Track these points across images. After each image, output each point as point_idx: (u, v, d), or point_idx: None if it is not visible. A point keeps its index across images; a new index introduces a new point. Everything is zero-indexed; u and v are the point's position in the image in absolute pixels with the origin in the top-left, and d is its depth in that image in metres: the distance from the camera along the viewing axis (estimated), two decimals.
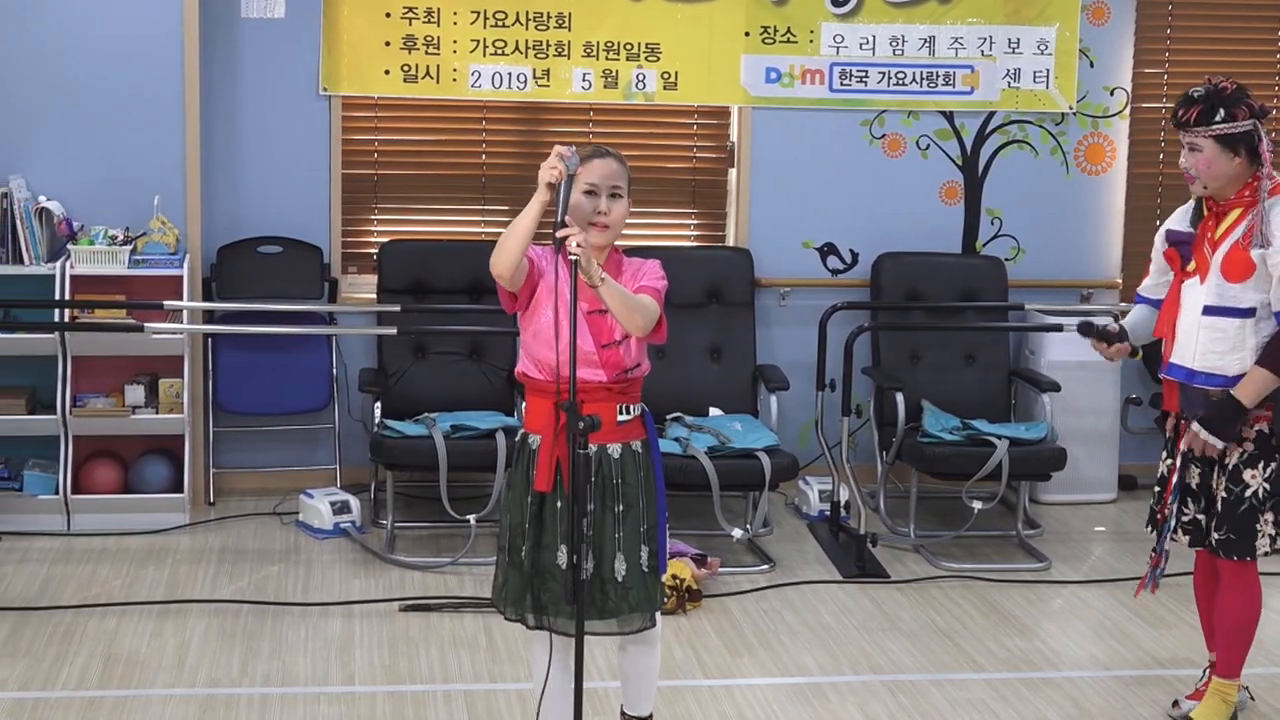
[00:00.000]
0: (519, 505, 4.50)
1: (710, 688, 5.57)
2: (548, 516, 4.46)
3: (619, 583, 4.47)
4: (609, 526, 4.49)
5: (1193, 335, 5.08)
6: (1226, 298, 5.02)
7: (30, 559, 6.75)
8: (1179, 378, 5.13)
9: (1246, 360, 5.00)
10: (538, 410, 4.49)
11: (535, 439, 4.48)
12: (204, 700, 5.36)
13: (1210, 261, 5.05)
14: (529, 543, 4.46)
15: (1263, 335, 5.00)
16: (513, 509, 4.53)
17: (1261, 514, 5.08)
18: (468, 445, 6.90)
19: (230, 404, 7.65)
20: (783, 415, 7.42)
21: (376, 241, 7.83)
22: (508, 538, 4.53)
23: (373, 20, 7.63)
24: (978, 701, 5.52)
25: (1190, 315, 5.09)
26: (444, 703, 5.39)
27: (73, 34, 7.18)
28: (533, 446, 4.48)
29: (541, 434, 4.45)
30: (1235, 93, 5.03)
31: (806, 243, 8.10)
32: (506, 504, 4.59)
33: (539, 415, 4.48)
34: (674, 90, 7.89)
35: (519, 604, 4.52)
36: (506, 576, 4.54)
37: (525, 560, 4.47)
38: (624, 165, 4.67)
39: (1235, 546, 5.11)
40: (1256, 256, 4.97)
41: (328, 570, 6.72)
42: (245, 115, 7.64)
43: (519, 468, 4.54)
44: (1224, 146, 5.00)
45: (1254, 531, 5.10)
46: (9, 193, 6.99)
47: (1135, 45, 8.19)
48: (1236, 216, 5.06)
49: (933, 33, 7.98)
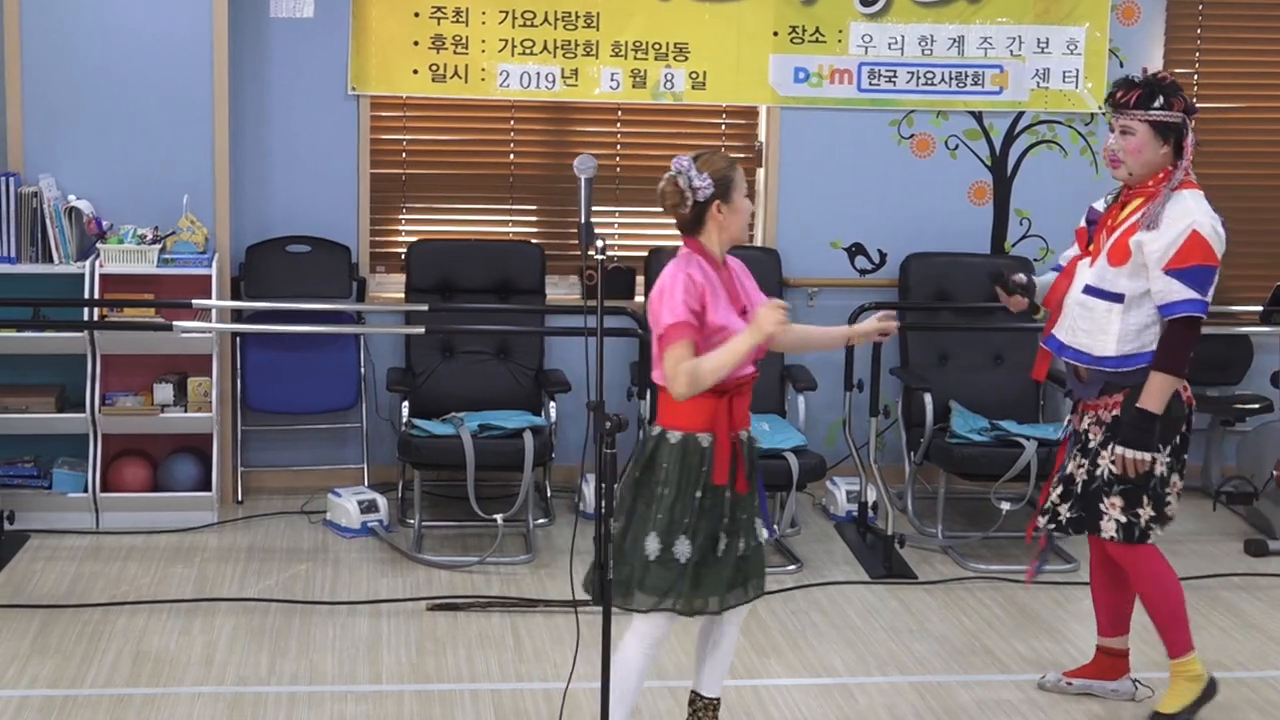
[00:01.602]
0: (685, 500, 4.57)
1: (738, 688, 5.56)
2: (712, 507, 4.58)
3: (748, 556, 4.69)
4: (752, 505, 4.69)
5: (1071, 311, 5.26)
6: (1104, 280, 5.18)
7: (59, 557, 6.78)
8: (1051, 348, 5.33)
9: (1109, 345, 5.14)
10: (702, 408, 4.53)
11: (704, 437, 4.56)
12: (232, 698, 5.37)
13: (1103, 245, 5.20)
14: (692, 536, 4.57)
15: (1129, 324, 5.12)
16: (676, 505, 4.57)
17: (1107, 496, 5.20)
18: (495, 445, 6.91)
19: (258, 403, 7.66)
20: (810, 415, 7.41)
21: (405, 241, 7.84)
22: (663, 533, 4.57)
23: (401, 20, 7.64)
24: (1005, 703, 5.50)
25: (1074, 292, 5.26)
26: (471, 702, 5.39)
27: (102, 34, 7.20)
28: (703, 445, 4.56)
29: (714, 431, 4.54)
30: (1173, 84, 5.17)
31: (835, 243, 8.09)
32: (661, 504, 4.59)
33: (704, 413, 4.53)
34: (702, 90, 7.88)
35: (663, 594, 4.60)
36: (647, 570, 4.59)
37: (683, 553, 4.57)
38: None
39: (1081, 523, 5.28)
40: (1133, 244, 5.09)
41: (355, 569, 6.73)
42: (274, 115, 7.66)
43: (682, 467, 4.57)
44: (1156, 133, 5.12)
45: (1098, 511, 5.23)
46: (39, 192, 7.01)
47: (1165, 45, 8.16)
48: (1139, 204, 5.17)
49: (962, 32, 7.97)
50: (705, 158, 4.64)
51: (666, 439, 4.59)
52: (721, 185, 4.59)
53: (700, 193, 4.57)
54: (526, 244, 7.84)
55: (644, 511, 4.60)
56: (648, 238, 8.00)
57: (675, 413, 4.57)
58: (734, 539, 4.64)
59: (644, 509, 4.60)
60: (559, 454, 7.40)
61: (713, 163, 4.62)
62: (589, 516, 7.27)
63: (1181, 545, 7.28)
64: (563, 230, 8.00)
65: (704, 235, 4.62)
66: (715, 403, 4.53)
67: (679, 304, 4.46)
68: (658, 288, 4.57)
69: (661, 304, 4.50)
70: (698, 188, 4.57)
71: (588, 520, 7.24)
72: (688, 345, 4.43)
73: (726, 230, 4.62)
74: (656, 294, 4.55)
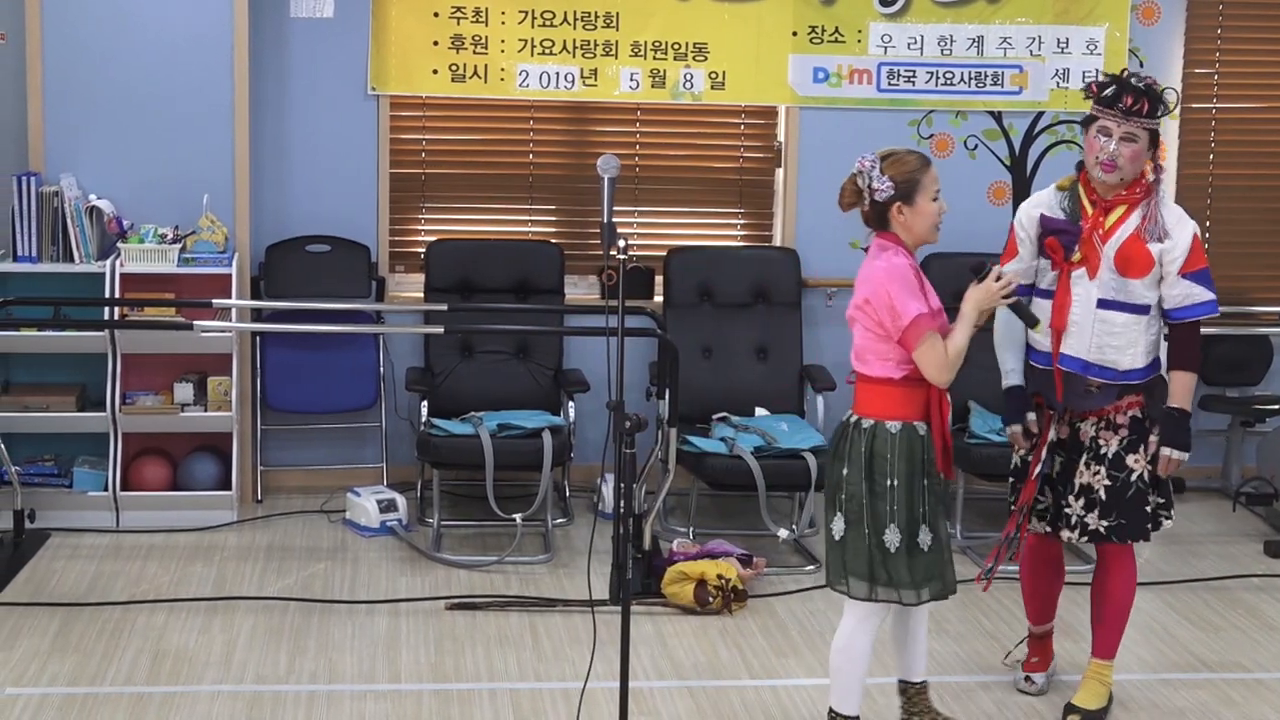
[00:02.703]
0: (915, 490, 4.71)
1: (756, 687, 5.57)
2: (934, 492, 4.75)
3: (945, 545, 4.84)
4: (934, 496, 4.80)
5: (1087, 328, 5.15)
6: (1122, 292, 5.11)
7: (80, 555, 6.80)
8: (1074, 369, 5.20)
9: (1139, 358, 5.12)
10: (917, 398, 4.71)
11: (921, 426, 4.72)
12: (251, 697, 5.38)
13: (1101, 255, 5.12)
14: (931, 523, 4.76)
15: (1151, 334, 5.14)
16: (911, 495, 4.71)
17: (1149, 495, 5.22)
18: (514, 444, 6.91)
19: (278, 402, 7.68)
20: (829, 415, 7.40)
21: (424, 241, 7.85)
22: (905, 524, 4.71)
23: (421, 20, 7.65)
24: (1024, 703, 5.50)
25: (1083, 308, 5.15)
26: (490, 701, 5.40)
27: (123, 34, 7.22)
28: (920, 433, 4.72)
29: (929, 419, 4.72)
30: (1165, 91, 5.15)
31: (854, 243, 8.04)
32: (893, 496, 4.71)
33: (918, 403, 4.71)
34: (721, 90, 7.88)
35: (929, 581, 4.77)
36: (901, 564, 4.73)
37: (925, 542, 4.76)
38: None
39: (1129, 530, 5.24)
40: (1155, 251, 5.06)
41: (374, 568, 6.74)
42: (294, 114, 7.68)
43: (907, 456, 4.70)
44: (1151, 141, 5.13)
45: (1145, 514, 5.23)
46: (60, 191, 7.03)
47: (1185, 45, 8.15)
48: (1124, 211, 5.13)
49: (981, 32, 7.96)
50: (895, 158, 4.72)
51: (886, 429, 4.70)
52: (904, 188, 4.66)
53: (878, 194, 4.65)
54: (546, 244, 7.85)
55: (877, 506, 4.73)
56: (666, 238, 8.00)
57: (892, 404, 4.70)
58: (941, 523, 4.85)
59: (877, 504, 4.73)
60: (578, 454, 7.41)
61: (901, 164, 4.70)
62: (608, 516, 7.28)
63: (1201, 546, 7.27)
64: (582, 230, 8.01)
65: (893, 231, 4.72)
66: (928, 392, 4.68)
67: (912, 292, 4.61)
68: (873, 284, 4.67)
69: (892, 299, 4.60)
70: (876, 189, 4.65)
71: (606, 520, 7.25)
72: (935, 334, 4.60)
73: (910, 231, 4.71)
74: (876, 290, 4.65)
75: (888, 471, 4.70)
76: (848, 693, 4.88)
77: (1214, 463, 8.25)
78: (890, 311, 4.61)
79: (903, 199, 4.66)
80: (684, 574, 6.33)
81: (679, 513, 7.52)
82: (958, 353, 4.62)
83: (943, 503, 4.84)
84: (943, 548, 4.81)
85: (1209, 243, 8.11)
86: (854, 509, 4.76)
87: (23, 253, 7.05)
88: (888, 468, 4.69)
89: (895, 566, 4.73)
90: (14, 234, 7.03)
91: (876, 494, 4.72)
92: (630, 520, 4.77)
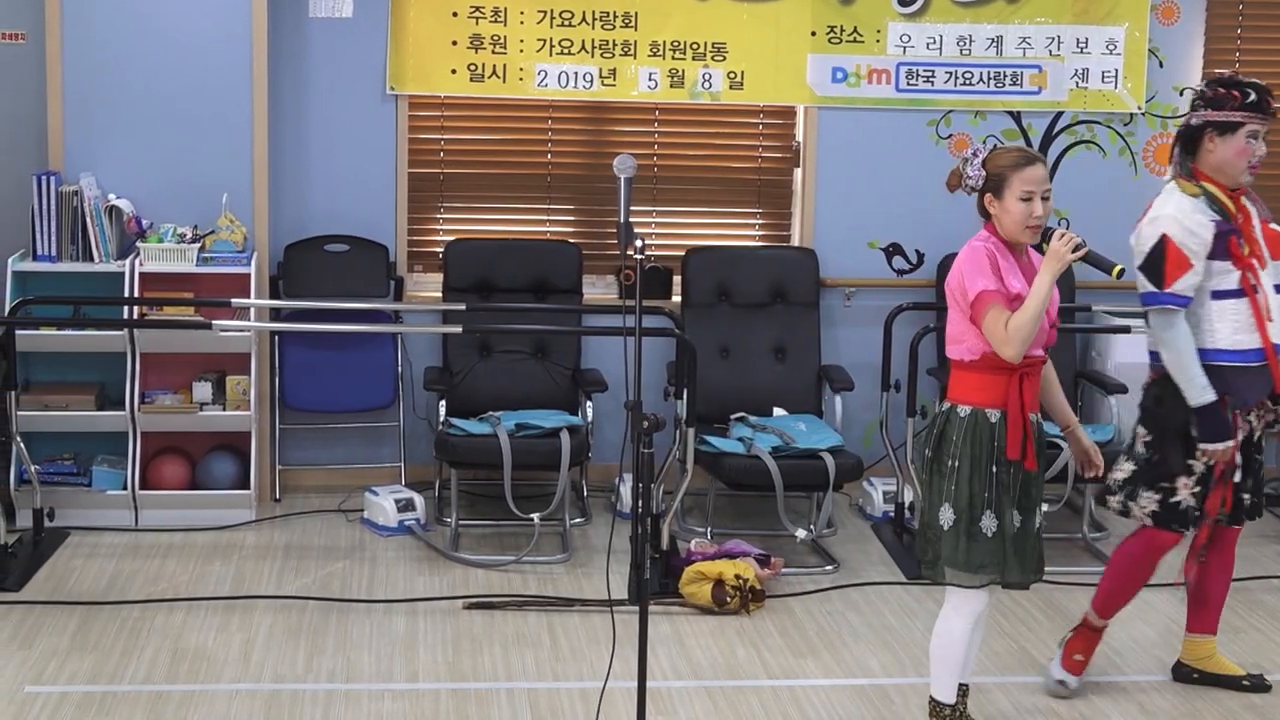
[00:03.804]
0: (981, 474, 4.74)
1: (774, 688, 5.56)
2: (1007, 481, 4.76)
3: (1037, 536, 4.88)
4: (1041, 485, 4.89)
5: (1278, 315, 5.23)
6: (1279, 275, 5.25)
7: (99, 554, 6.81)
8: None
9: None
10: (993, 385, 4.73)
11: (994, 413, 4.74)
12: (269, 696, 5.39)
13: (1261, 246, 5.23)
14: (996, 509, 4.76)
15: None
16: (973, 480, 4.76)
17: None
18: (532, 444, 6.91)
19: (296, 401, 7.69)
20: (847, 416, 7.40)
21: (442, 240, 7.86)
22: (965, 509, 4.77)
23: (440, 19, 7.65)
24: (1043, 704, 5.49)
25: (1274, 297, 5.23)
26: (507, 701, 5.40)
27: (142, 33, 7.24)
28: (992, 420, 4.74)
29: (1005, 407, 4.73)
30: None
31: (872, 243, 8.07)
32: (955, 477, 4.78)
33: (997, 390, 4.73)
34: (740, 90, 7.88)
35: (984, 568, 4.80)
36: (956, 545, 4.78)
37: (989, 527, 4.77)
38: (1047, 166, 4.85)
39: (1259, 508, 5.47)
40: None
41: (392, 567, 6.75)
42: (312, 114, 7.69)
43: (973, 441, 4.75)
44: None
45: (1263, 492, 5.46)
46: (79, 190, 7.05)
47: (1205, 45, 8.13)
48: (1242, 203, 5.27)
49: (1000, 32, 7.94)
50: (998, 151, 4.86)
51: (956, 413, 4.79)
52: (993, 180, 4.78)
53: (970, 180, 4.81)
54: (564, 243, 7.85)
55: (938, 484, 4.81)
56: (685, 238, 8.00)
57: (967, 389, 4.79)
58: (1029, 516, 4.84)
59: (938, 482, 4.81)
60: (595, 453, 7.40)
61: (997, 159, 4.81)
62: (625, 516, 7.28)
63: None
64: (600, 230, 8.01)
65: (994, 221, 4.80)
66: (1007, 379, 4.72)
67: (981, 271, 4.67)
68: (955, 267, 4.78)
69: (963, 278, 4.71)
70: (969, 176, 4.81)
71: (624, 520, 7.26)
72: (1000, 308, 4.63)
73: (1001, 225, 4.78)
74: (954, 273, 4.76)
75: (952, 453, 4.78)
76: (938, 679, 4.98)
77: None
78: (962, 291, 4.73)
79: (993, 191, 4.78)
80: (702, 574, 6.32)
81: (696, 513, 7.52)
82: (1019, 325, 4.60)
83: (1028, 494, 4.82)
84: (1007, 539, 4.79)
85: None
86: (925, 491, 4.91)
87: (42, 252, 7.07)
88: (953, 449, 4.78)
89: (948, 546, 4.80)
90: (34, 233, 7.05)
91: (940, 474, 4.81)
92: (648, 520, 4.77)
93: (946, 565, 4.83)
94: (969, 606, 4.88)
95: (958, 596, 4.88)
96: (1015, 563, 4.82)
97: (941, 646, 4.94)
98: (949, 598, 4.91)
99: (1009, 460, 4.75)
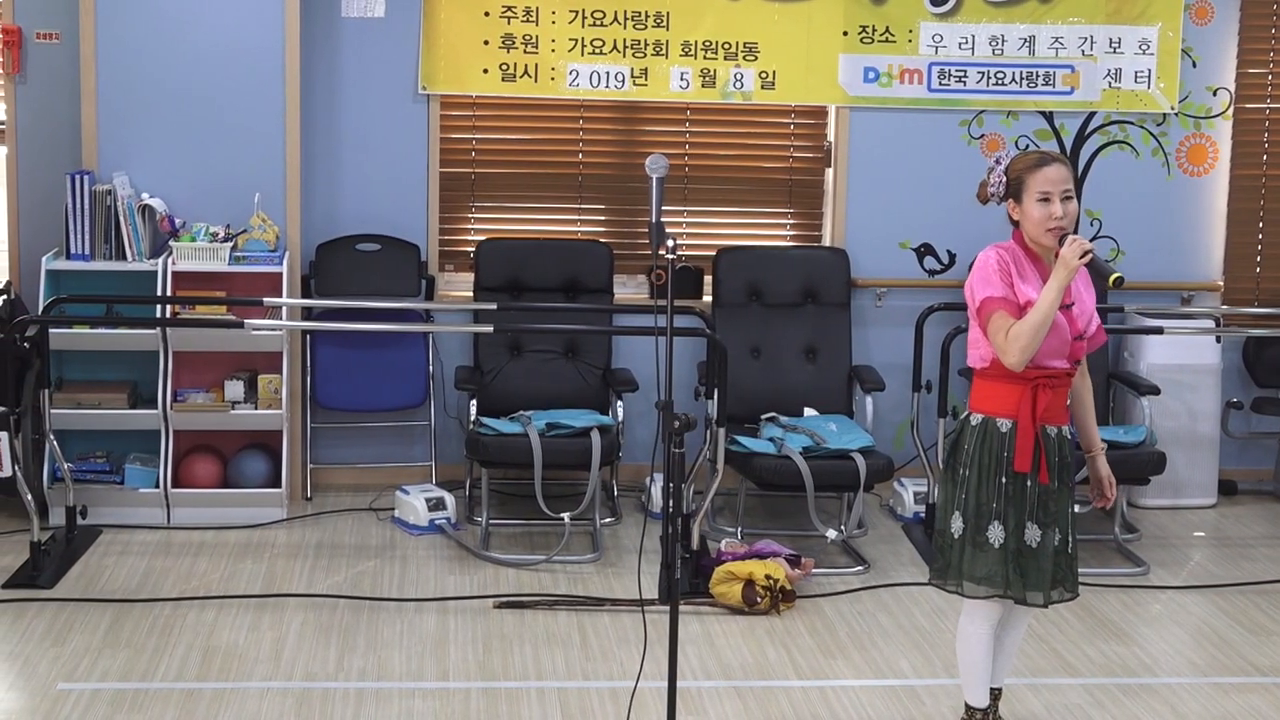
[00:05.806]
0: (989, 484, 4.70)
1: (804, 688, 5.55)
2: (1018, 494, 4.70)
3: (1069, 553, 4.81)
4: (1064, 501, 4.78)
5: None
6: None
7: (131, 552, 6.84)
8: None
9: None
10: (1005, 394, 4.69)
11: (1005, 423, 4.69)
12: (300, 694, 5.40)
13: None
14: (1004, 521, 4.71)
15: None
16: (981, 490, 4.72)
17: None
18: (563, 443, 6.92)
19: (328, 400, 7.71)
20: (878, 416, 7.39)
21: (473, 240, 7.87)
22: (969, 515, 4.74)
23: (472, 19, 7.66)
24: (1074, 706, 5.47)
25: None
26: (537, 700, 5.40)
27: (175, 34, 7.26)
28: (1002, 430, 4.69)
29: (1016, 417, 4.67)
30: None
31: (903, 243, 8.06)
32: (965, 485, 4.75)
33: (1009, 400, 4.68)
34: (771, 90, 7.87)
35: (989, 580, 4.74)
36: (963, 554, 4.75)
37: (996, 538, 4.70)
38: (1069, 166, 4.78)
39: None
40: None
41: (423, 566, 6.76)
42: (345, 114, 7.70)
43: (983, 450, 4.72)
44: None
45: None
46: (113, 190, 7.08)
47: (1239, 45, 8.09)
48: None
49: (1033, 32, 7.92)
50: (1017, 156, 4.82)
51: (970, 421, 4.77)
52: (1013, 186, 4.75)
53: (993, 189, 4.78)
54: (595, 243, 7.86)
55: (951, 492, 4.79)
56: (716, 238, 8.00)
57: (981, 396, 4.77)
58: (1049, 531, 4.74)
59: (951, 490, 4.78)
60: (626, 453, 7.41)
61: (1015, 162, 4.79)
62: (656, 516, 7.28)
63: (1252, 549, 7.23)
64: (631, 230, 8.01)
65: (1020, 228, 4.77)
66: (1020, 390, 4.67)
67: (988, 279, 4.65)
68: (971, 272, 4.76)
69: (973, 285, 4.71)
70: (991, 184, 4.79)
71: (655, 519, 7.26)
72: (1004, 315, 4.60)
73: (1025, 229, 4.75)
74: (968, 279, 4.76)
75: (964, 461, 4.76)
76: (967, 683, 4.97)
77: (1266, 465, 8.20)
78: (971, 297, 4.72)
79: (1014, 197, 4.75)
80: (732, 574, 6.32)
81: (727, 513, 7.51)
82: (1019, 333, 4.55)
83: (1047, 510, 4.73)
84: (1009, 554, 4.70)
85: (1261, 243, 8.07)
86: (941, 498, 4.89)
87: (76, 251, 7.10)
88: (965, 457, 4.76)
89: (955, 555, 4.78)
90: (67, 232, 7.08)
91: (953, 481, 4.79)
92: (678, 520, 4.77)
93: (954, 573, 4.80)
94: (982, 613, 4.86)
95: (971, 603, 4.86)
96: (1018, 580, 4.74)
97: (961, 650, 4.95)
98: (965, 606, 4.90)
99: (1018, 473, 4.69)
